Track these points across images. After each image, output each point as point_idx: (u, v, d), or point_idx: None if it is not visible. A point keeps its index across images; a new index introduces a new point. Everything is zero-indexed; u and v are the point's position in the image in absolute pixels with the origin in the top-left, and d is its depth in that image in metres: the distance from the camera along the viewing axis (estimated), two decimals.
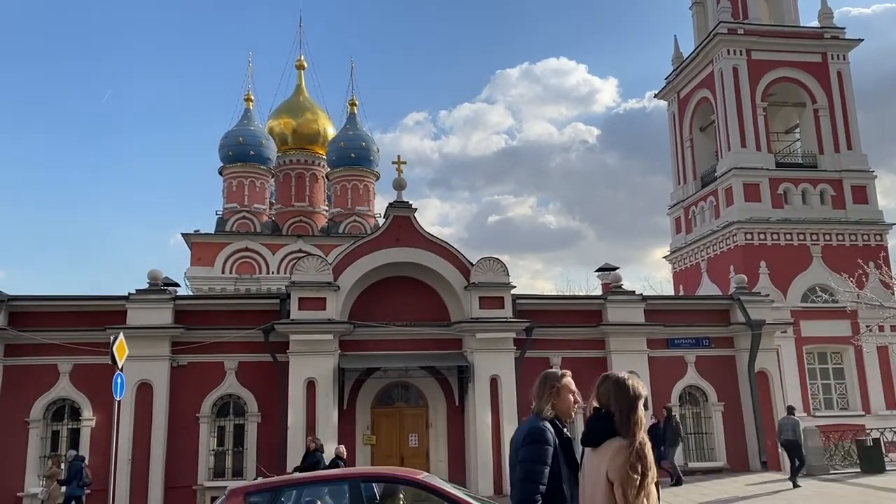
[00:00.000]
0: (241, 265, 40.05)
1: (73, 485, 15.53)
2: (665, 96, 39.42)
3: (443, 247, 20.21)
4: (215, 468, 18.71)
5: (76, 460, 15.84)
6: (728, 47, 33.03)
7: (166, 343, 18.45)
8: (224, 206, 42.66)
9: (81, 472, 15.63)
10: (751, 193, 31.52)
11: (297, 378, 18.24)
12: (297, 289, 18.77)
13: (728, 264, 31.41)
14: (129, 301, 18.55)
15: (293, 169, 45.90)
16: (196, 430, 18.53)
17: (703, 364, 20.99)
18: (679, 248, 36.81)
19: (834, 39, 34.13)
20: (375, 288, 20.00)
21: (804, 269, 30.83)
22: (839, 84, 33.63)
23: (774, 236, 31.19)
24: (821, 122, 33.32)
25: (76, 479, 15.54)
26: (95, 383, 17.49)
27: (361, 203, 43.86)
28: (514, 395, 19.14)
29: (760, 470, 19.96)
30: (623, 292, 21.23)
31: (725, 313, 21.55)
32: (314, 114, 47.32)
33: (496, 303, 19.61)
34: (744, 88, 32.71)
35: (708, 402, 20.89)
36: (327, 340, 18.50)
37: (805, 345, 29.87)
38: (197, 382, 18.65)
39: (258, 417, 18.78)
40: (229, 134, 42.81)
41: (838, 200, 32.18)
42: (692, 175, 36.52)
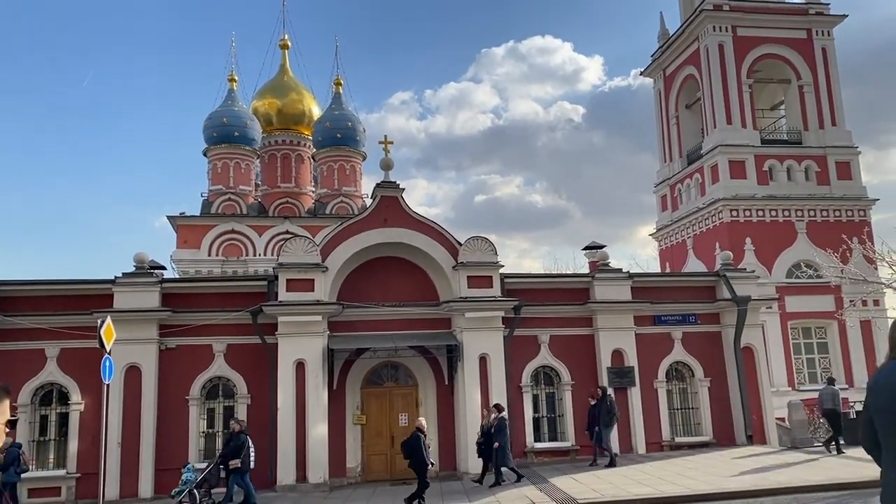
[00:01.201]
0: (228, 247, 39.90)
1: (9, 471, 15.12)
2: (651, 74, 39.41)
3: (431, 227, 20.19)
4: (205, 450, 18.73)
5: (13, 447, 15.38)
6: (714, 24, 33.02)
7: (154, 326, 18.38)
8: (209, 188, 42.40)
9: (19, 458, 15.23)
10: (736, 170, 31.70)
11: (286, 359, 18.24)
12: (284, 270, 18.72)
13: (714, 241, 31.63)
14: (116, 284, 18.44)
15: (279, 150, 45.61)
16: (185, 412, 18.51)
17: (690, 340, 21.17)
18: (665, 225, 37.01)
19: (818, 15, 34.21)
20: (364, 268, 19.99)
21: (789, 246, 31.13)
22: (824, 60, 33.75)
23: (760, 213, 31.42)
24: (805, 99, 33.47)
25: (13, 465, 15.13)
26: (83, 367, 17.43)
27: (348, 183, 43.71)
28: (503, 373, 19.26)
29: (746, 444, 20.23)
30: (610, 270, 21.32)
31: (711, 290, 21.71)
32: (299, 94, 46.97)
33: (485, 282, 19.65)
34: (729, 65, 32.76)
35: (694, 378, 21.10)
36: (316, 322, 18.49)
37: (790, 320, 30.24)
38: (186, 365, 18.61)
39: (248, 399, 18.78)
40: (213, 115, 42.46)
41: (823, 177, 32.43)
42: (678, 153, 36.64)
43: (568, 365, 20.35)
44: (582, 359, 20.45)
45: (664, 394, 20.84)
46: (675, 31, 36.76)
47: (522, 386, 20.02)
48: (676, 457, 18.84)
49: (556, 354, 20.36)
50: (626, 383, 20.18)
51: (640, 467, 17.28)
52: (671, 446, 20.29)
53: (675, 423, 20.93)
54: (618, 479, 15.64)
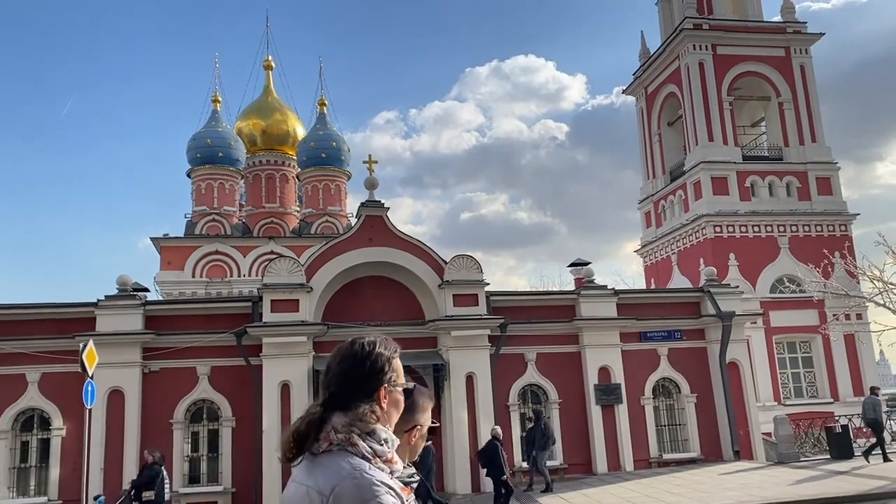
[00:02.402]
0: (212, 268, 39.61)
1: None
2: (633, 92, 39.78)
3: (416, 245, 20.19)
4: (190, 474, 18.50)
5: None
6: (694, 42, 33.41)
7: (137, 349, 18.20)
8: (193, 209, 42.16)
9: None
10: (719, 187, 31.96)
11: (271, 381, 18.10)
12: (269, 291, 18.62)
13: (698, 257, 31.80)
14: (98, 307, 18.27)
15: (263, 170, 45.51)
16: (170, 436, 18.29)
17: (676, 356, 21.23)
18: (650, 241, 37.20)
19: (796, 34, 34.70)
20: (349, 288, 19.93)
21: (772, 261, 31.34)
22: (802, 78, 34.21)
23: (742, 229, 31.66)
24: (785, 116, 33.87)
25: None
26: (65, 392, 17.21)
27: (333, 203, 43.63)
28: (490, 391, 19.21)
29: (733, 459, 20.24)
30: (595, 287, 21.38)
31: (696, 306, 21.81)
32: (283, 114, 46.96)
33: (470, 300, 19.64)
34: (710, 83, 33.13)
35: (681, 394, 21.13)
36: (301, 342, 18.38)
37: (774, 335, 30.38)
38: (169, 388, 18.42)
39: (232, 422, 18.59)
40: (197, 136, 42.32)
41: (804, 192, 32.76)
42: (661, 170, 36.91)
43: (555, 383, 20.32)
44: (569, 376, 20.43)
45: (651, 410, 20.84)
46: (656, 49, 37.17)
47: (510, 405, 19.96)
48: (664, 473, 18.80)
49: (542, 372, 20.33)
50: (613, 400, 20.17)
51: (628, 485, 17.23)
52: (659, 463, 20.26)
53: (663, 440, 20.92)
54: (606, 498, 15.57)
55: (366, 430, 2.05)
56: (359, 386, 2.12)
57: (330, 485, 1.94)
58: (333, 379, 2.15)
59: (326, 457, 2.01)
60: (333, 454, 2.01)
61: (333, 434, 2.03)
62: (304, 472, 2.04)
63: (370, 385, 2.13)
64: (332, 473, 1.96)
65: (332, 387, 2.14)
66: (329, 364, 2.21)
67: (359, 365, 2.15)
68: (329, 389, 2.15)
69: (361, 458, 1.99)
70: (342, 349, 2.21)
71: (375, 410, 2.10)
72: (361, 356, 2.16)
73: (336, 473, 1.96)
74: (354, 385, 2.12)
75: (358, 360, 2.15)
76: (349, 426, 2.04)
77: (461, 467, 18.58)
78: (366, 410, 2.08)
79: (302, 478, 2.03)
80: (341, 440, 2.01)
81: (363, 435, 2.04)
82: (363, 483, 1.93)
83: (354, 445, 2.01)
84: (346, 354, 2.17)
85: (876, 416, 18.59)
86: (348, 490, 1.92)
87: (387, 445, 2.07)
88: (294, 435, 2.07)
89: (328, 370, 2.20)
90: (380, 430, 2.08)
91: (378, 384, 2.14)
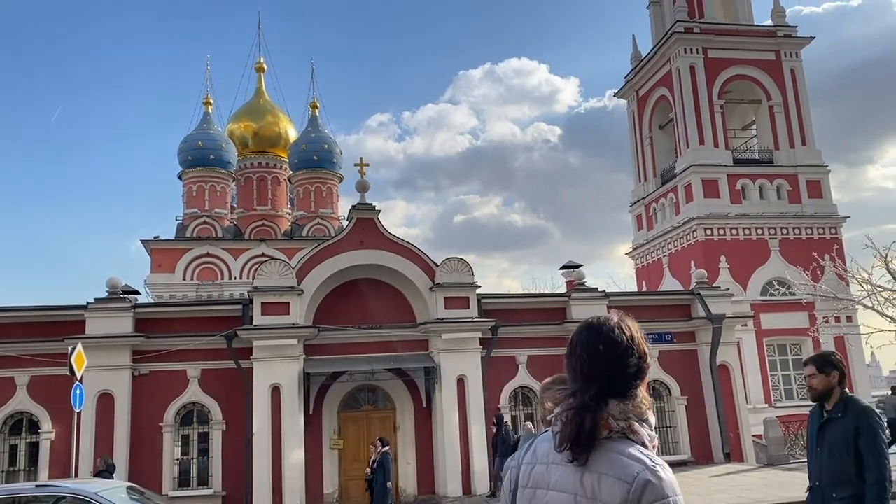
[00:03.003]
0: (203, 271, 39.53)
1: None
2: (624, 95, 39.89)
3: (407, 248, 20.19)
4: (180, 478, 18.43)
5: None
6: (685, 46, 33.53)
7: (127, 352, 18.13)
8: (184, 212, 42.08)
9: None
10: (709, 189, 32.08)
11: (262, 384, 18.05)
12: (259, 294, 18.58)
13: (689, 259, 31.90)
14: (88, 310, 18.19)
15: (255, 172, 45.47)
16: (159, 439, 18.23)
17: (666, 359, 21.27)
18: (641, 244, 37.30)
19: (787, 38, 34.88)
20: (340, 291, 19.90)
21: (763, 263, 31.47)
22: (793, 81, 34.39)
23: (733, 231, 31.78)
24: (776, 119, 34.03)
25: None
26: (54, 395, 17.11)
27: (325, 205, 43.61)
28: (481, 394, 19.21)
29: (724, 462, 20.30)
30: (586, 289, 21.42)
31: (687, 308, 21.87)
32: (275, 116, 46.94)
33: (461, 303, 19.65)
34: (701, 86, 33.26)
35: (671, 396, 21.18)
36: (291, 345, 18.35)
37: (765, 337, 30.49)
38: (159, 391, 18.35)
39: (223, 425, 18.54)
40: (188, 138, 42.25)
41: (794, 195, 32.91)
42: (652, 172, 37.02)
43: None
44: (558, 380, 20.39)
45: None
46: (648, 53, 37.29)
47: (501, 407, 19.95)
48: None
49: (534, 375, 20.32)
50: None
51: None
52: None
53: None
54: None
55: (642, 417, 2.05)
56: (632, 372, 2.09)
57: (630, 473, 1.92)
58: (603, 365, 2.08)
59: (608, 444, 1.99)
60: (614, 441, 2.00)
61: (613, 421, 2.01)
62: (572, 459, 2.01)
63: (642, 371, 2.11)
64: (625, 463, 1.94)
65: (599, 373, 2.07)
66: (589, 349, 2.12)
67: (630, 352, 2.10)
68: (594, 376, 2.08)
69: (642, 446, 1.99)
70: (605, 335, 2.12)
71: (646, 396, 2.11)
72: (629, 342, 2.11)
73: (631, 463, 1.94)
74: (626, 371, 2.08)
75: (627, 347, 2.10)
76: (627, 413, 2.02)
77: (452, 469, 18.56)
78: (641, 397, 2.08)
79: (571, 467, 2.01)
80: (622, 427, 2.00)
81: (640, 422, 2.03)
82: (665, 478, 1.94)
83: (635, 433, 2.00)
84: (613, 340, 2.10)
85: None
86: (652, 482, 1.91)
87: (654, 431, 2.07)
88: (575, 423, 2.02)
89: (590, 355, 2.11)
90: (651, 417, 2.09)
91: (646, 369, 2.12)
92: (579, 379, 2.12)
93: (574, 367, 2.16)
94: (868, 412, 4.78)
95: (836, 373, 4.93)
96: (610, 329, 2.12)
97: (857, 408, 4.82)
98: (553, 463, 2.08)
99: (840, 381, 4.93)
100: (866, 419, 4.71)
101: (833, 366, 4.96)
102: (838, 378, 4.93)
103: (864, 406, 4.84)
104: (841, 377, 4.94)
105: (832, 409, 4.90)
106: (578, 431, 2.01)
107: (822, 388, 4.93)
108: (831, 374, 4.92)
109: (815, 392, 4.99)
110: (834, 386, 4.92)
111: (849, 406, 4.85)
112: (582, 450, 2.01)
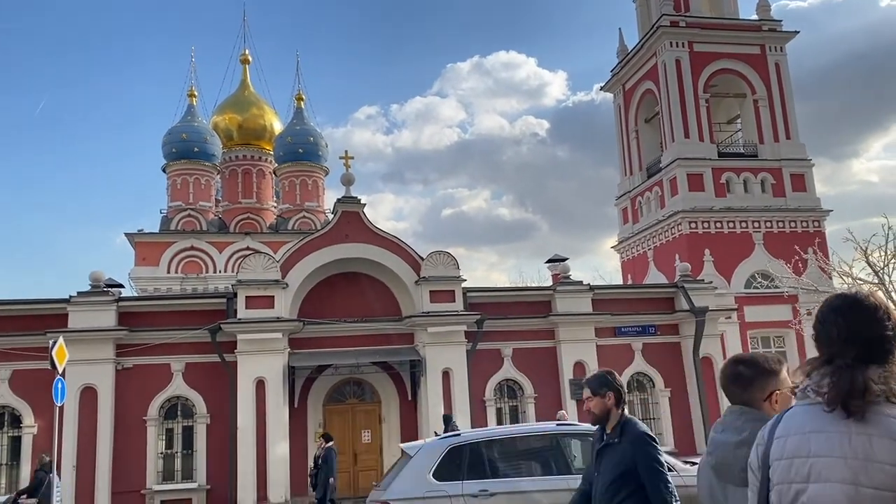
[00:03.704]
0: (188, 264, 39.30)
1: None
2: (611, 89, 39.96)
3: (393, 241, 20.17)
4: (164, 471, 18.37)
5: None
6: (671, 40, 33.61)
7: (110, 346, 18.02)
8: (168, 205, 41.80)
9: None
10: (694, 183, 32.22)
11: (246, 378, 18.00)
12: (243, 287, 18.51)
13: (674, 253, 32.04)
14: (71, 304, 18.06)
15: (240, 165, 45.21)
16: (143, 433, 18.15)
17: (650, 351, 21.40)
18: (626, 237, 37.43)
19: (772, 32, 35.03)
20: (325, 284, 19.87)
21: (747, 256, 31.66)
22: (777, 75, 34.55)
23: (718, 224, 31.94)
24: (761, 113, 34.20)
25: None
26: (37, 389, 16.95)
27: (311, 199, 43.45)
28: (467, 387, 19.25)
29: None
30: (571, 283, 21.49)
31: (670, 301, 21.99)
32: (260, 109, 46.66)
33: (447, 296, 19.66)
34: (686, 80, 33.36)
35: (655, 389, 21.31)
36: (276, 339, 18.30)
37: (749, 330, 30.69)
38: (143, 385, 18.27)
39: (207, 419, 18.48)
40: (172, 130, 41.93)
41: (778, 189, 33.11)
42: (638, 166, 37.13)
43: (531, 378, 20.40)
44: (545, 371, 20.52)
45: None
46: (634, 46, 37.35)
47: (486, 400, 20.01)
48: None
49: (519, 367, 20.40)
50: None
51: None
52: None
53: None
54: None
55: None
56: (889, 335, 2.17)
57: None
58: (860, 329, 2.17)
59: (873, 407, 2.05)
60: (878, 405, 2.06)
61: (874, 385, 2.07)
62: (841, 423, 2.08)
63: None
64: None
65: (856, 338, 2.16)
66: (844, 315, 2.21)
67: (885, 317, 2.19)
68: (851, 341, 2.17)
69: None
70: (860, 301, 2.23)
71: None
72: (883, 307, 2.21)
73: None
74: (883, 335, 2.16)
75: (882, 313, 2.19)
76: (886, 377, 2.09)
77: None
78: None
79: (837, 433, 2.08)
80: (884, 391, 2.06)
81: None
82: None
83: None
84: (868, 306, 2.20)
85: None
86: None
87: None
88: (847, 380, 2.09)
89: (846, 321, 2.20)
90: None
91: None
92: (836, 344, 2.21)
93: (829, 335, 2.25)
94: (643, 438, 4.47)
95: (611, 393, 4.64)
96: (864, 296, 2.25)
97: (633, 433, 4.51)
98: (813, 432, 2.14)
99: (617, 403, 4.65)
100: (641, 446, 4.42)
101: (608, 386, 4.67)
102: (614, 399, 4.64)
103: (640, 431, 4.54)
104: (617, 398, 4.66)
105: (611, 432, 4.60)
106: (851, 386, 2.09)
107: (598, 412, 4.65)
108: (606, 396, 4.63)
109: (593, 416, 4.72)
110: (610, 408, 4.63)
111: (625, 430, 4.54)
112: (858, 405, 2.08)
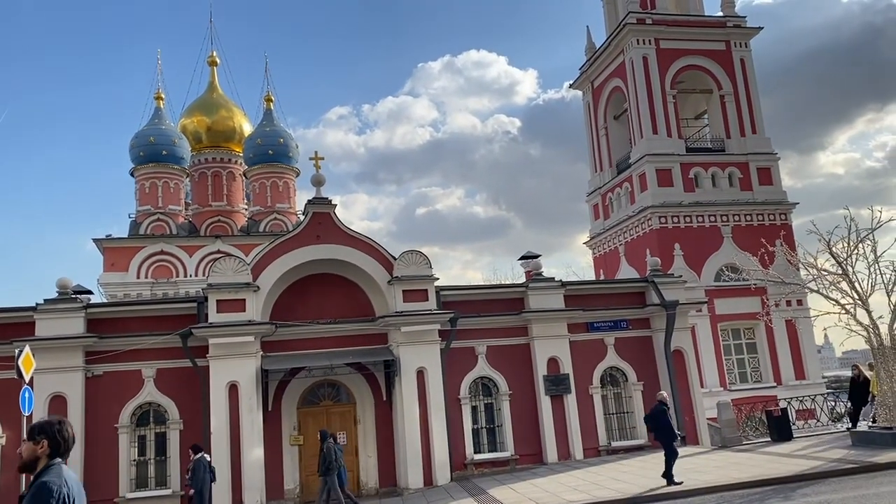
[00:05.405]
0: (158, 269, 38.89)
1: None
2: (580, 86, 40.25)
3: (364, 242, 20.13)
4: (137, 479, 18.17)
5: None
6: (637, 37, 33.96)
7: (79, 353, 17.78)
8: (137, 209, 41.32)
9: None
10: (663, 178, 32.60)
11: (219, 382, 17.86)
12: (214, 291, 18.36)
13: (644, 248, 32.39)
14: (38, 311, 17.79)
15: (209, 168, 44.83)
16: (115, 441, 17.95)
17: (622, 345, 21.61)
18: (598, 233, 37.75)
19: (736, 28, 35.55)
20: (298, 286, 19.78)
21: (716, 250, 32.13)
22: (742, 71, 35.08)
23: (687, 219, 32.35)
24: (727, 108, 34.71)
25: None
26: (4, 399, 16.69)
27: (282, 200, 43.20)
28: (441, 386, 19.29)
29: (680, 445, 20.65)
30: (543, 279, 21.61)
31: (641, 295, 22.22)
32: (229, 111, 46.32)
33: (420, 295, 19.68)
34: (654, 77, 33.73)
35: (628, 382, 21.53)
36: (248, 342, 18.18)
37: (719, 322, 31.17)
38: (114, 392, 18.07)
39: (180, 424, 18.32)
40: (140, 134, 41.46)
41: (745, 183, 33.63)
42: (608, 162, 37.47)
43: (505, 375, 20.50)
44: (519, 368, 20.64)
45: (599, 399, 21.18)
46: (602, 44, 37.67)
47: (461, 398, 20.07)
48: (612, 461, 19.15)
49: (493, 365, 20.49)
50: (562, 390, 20.46)
51: (577, 473, 17.51)
52: (608, 451, 20.62)
53: (611, 428, 21.29)
54: (553, 487, 15.80)
55: None
56: None
57: None
58: None
59: None
60: None
61: None
62: None
63: None
64: None
65: None
66: None
67: None
68: None
69: None
70: None
71: None
72: None
73: None
74: None
75: None
76: None
77: (413, 461, 18.62)
78: None
79: None
80: None
81: None
82: None
83: None
84: None
85: None
86: None
87: None
88: None
89: None
90: None
91: None
92: None
93: None
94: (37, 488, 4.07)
95: (46, 440, 4.28)
96: None
97: (35, 484, 4.13)
98: None
99: (52, 451, 4.28)
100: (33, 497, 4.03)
101: (44, 433, 4.30)
102: (47, 446, 4.27)
103: (39, 483, 4.10)
104: (52, 446, 4.28)
105: (34, 478, 4.20)
106: None
107: (26, 457, 4.29)
108: (40, 443, 4.27)
109: (21, 461, 4.33)
110: (40, 455, 4.27)
111: (36, 478, 4.16)
112: None
